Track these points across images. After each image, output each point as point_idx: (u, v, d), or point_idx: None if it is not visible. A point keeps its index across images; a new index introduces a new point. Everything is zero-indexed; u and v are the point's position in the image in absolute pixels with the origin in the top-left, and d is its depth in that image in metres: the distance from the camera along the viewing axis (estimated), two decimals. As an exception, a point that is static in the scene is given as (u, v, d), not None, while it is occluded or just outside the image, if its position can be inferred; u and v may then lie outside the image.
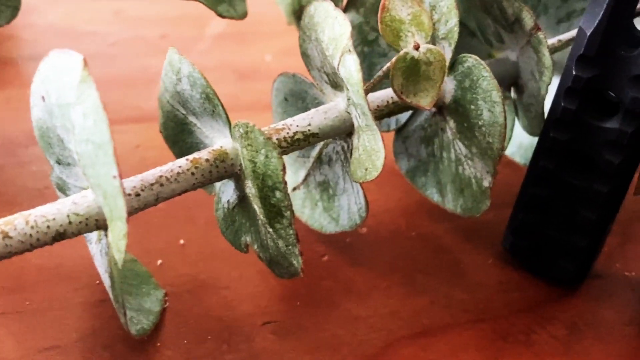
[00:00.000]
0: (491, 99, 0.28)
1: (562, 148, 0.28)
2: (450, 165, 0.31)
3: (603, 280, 0.31)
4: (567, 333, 0.29)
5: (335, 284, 0.30)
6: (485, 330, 0.28)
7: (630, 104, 0.26)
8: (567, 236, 0.29)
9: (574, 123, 0.28)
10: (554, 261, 0.30)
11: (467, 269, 0.31)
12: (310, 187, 0.32)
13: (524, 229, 0.30)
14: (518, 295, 0.30)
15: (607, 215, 0.29)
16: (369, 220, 0.33)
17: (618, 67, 0.26)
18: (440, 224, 0.33)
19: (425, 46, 0.26)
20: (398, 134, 0.33)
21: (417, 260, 0.31)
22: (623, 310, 0.30)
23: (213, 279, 0.30)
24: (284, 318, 0.28)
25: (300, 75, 0.30)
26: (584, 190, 0.28)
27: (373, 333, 0.28)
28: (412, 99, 0.26)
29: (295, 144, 0.28)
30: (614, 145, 0.27)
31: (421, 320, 0.29)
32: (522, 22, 0.30)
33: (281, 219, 0.24)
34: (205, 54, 0.46)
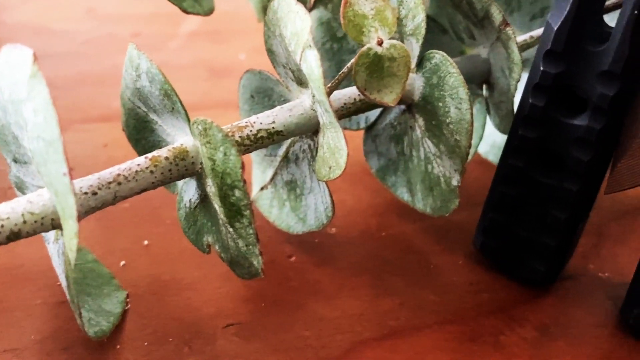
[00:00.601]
0: (458, 95, 0.27)
1: (531, 146, 0.28)
2: (420, 163, 0.30)
3: (576, 281, 0.31)
4: (537, 335, 0.28)
5: (301, 285, 0.29)
6: (453, 331, 0.28)
7: (598, 100, 0.26)
8: (537, 236, 0.29)
9: (542, 120, 0.27)
10: (524, 261, 0.29)
11: (437, 269, 0.31)
12: (278, 187, 0.31)
13: (494, 228, 0.30)
14: (488, 296, 0.30)
15: (577, 215, 0.28)
16: (339, 220, 0.33)
17: (586, 63, 0.26)
18: (412, 224, 0.33)
19: (389, 42, 0.25)
20: (368, 132, 0.33)
21: (386, 261, 0.31)
22: (595, 311, 0.30)
23: (177, 280, 0.29)
24: (248, 319, 0.27)
25: (266, 72, 0.30)
26: (553, 189, 0.28)
27: (338, 334, 0.27)
28: (376, 96, 0.26)
29: (258, 142, 0.27)
30: (582, 142, 0.26)
31: (388, 321, 0.28)
32: (491, 17, 0.29)
33: (241, 218, 0.24)
34: (178, 52, 0.46)
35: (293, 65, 0.27)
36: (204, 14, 0.32)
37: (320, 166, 0.27)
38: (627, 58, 0.25)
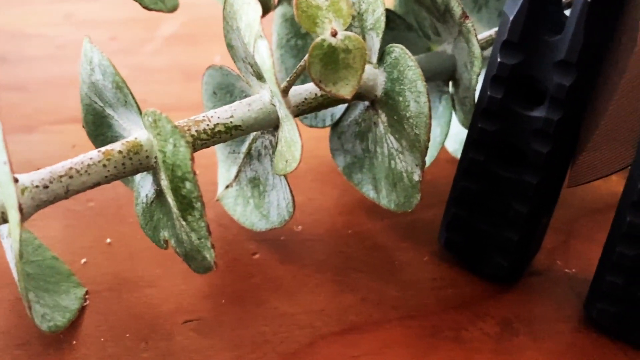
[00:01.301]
0: (416, 89, 0.27)
1: (491, 139, 0.27)
2: (384, 160, 0.30)
3: (542, 277, 0.31)
4: (499, 330, 0.28)
5: (263, 282, 0.29)
6: (414, 327, 0.28)
7: (555, 91, 0.25)
8: (500, 230, 0.29)
9: (501, 113, 0.27)
10: (488, 257, 0.29)
11: (401, 266, 0.31)
12: (242, 184, 0.31)
13: (457, 223, 0.30)
14: (451, 291, 0.29)
15: (539, 209, 0.28)
16: (306, 218, 0.33)
17: (542, 53, 0.25)
18: (378, 222, 0.33)
19: (344, 33, 0.25)
20: (333, 129, 0.32)
21: (350, 257, 0.31)
22: (560, 307, 0.29)
23: (137, 277, 0.29)
24: (206, 316, 0.27)
25: (227, 68, 0.30)
26: (514, 182, 0.27)
27: (297, 330, 0.27)
28: (332, 88, 0.26)
29: (216, 137, 0.27)
30: (541, 134, 0.26)
31: (349, 317, 0.28)
32: (451, 11, 0.29)
33: (192, 211, 0.24)
34: (154, 55, 0.46)
35: (251, 59, 0.27)
36: (168, 11, 0.31)
37: (278, 160, 0.27)
38: (582, 47, 0.25)
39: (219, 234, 0.31)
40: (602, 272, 0.27)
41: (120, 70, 0.44)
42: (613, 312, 0.27)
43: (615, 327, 0.28)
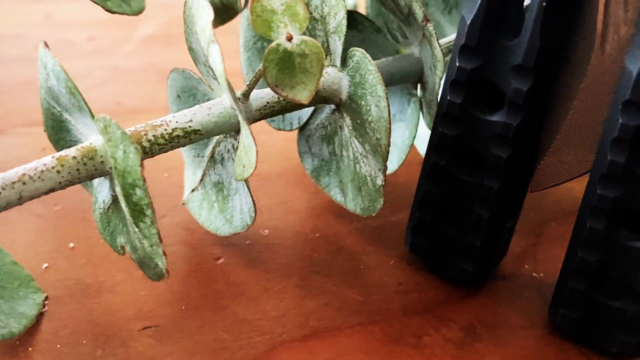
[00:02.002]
0: (377, 93, 0.27)
1: (452, 143, 0.27)
2: (350, 164, 0.30)
3: (508, 281, 0.31)
4: (462, 335, 0.28)
5: (226, 287, 0.29)
6: (375, 332, 0.27)
7: (514, 95, 0.25)
8: (463, 235, 0.28)
9: (461, 117, 0.27)
10: (453, 261, 0.29)
11: (367, 270, 0.30)
12: (207, 188, 0.31)
13: (422, 227, 0.29)
14: (416, 296, 0.29)
15: (502, 213, 0.28)
16: (274, 222, 0.32)
17: (500, 57, 0.25)
18: (347, 225, 0.33)
19: (299, 37, 0.25)
20: (301, 132, 0.32)
21: (316, 262, 0.30)
22: (525, 312, 0.29)
23: (98, 282, 0.29)
24: (165, 322, 0.27)
25: (189, 71, 0.30)
26: (475, 186, 0.27)
27: (257, 336, 0.27)
28: (289, 93, 0.25)
29: (174, 141, 0.27)
30: (500, 139, 0.26)
31: (310, 322, 0.28)
32: (414, 14, 0.29)
33: (144, 218, 0.24)
34: (131, 56, 0.46)
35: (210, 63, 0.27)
36: (132, 14, 0.31)
37: (237, 165, 0.26)
38: (539, 51, 0.24)
39: (184, 238, 0.31)
40: (564, 278, 0.27)
41: (95, 71, 0.44)
42: (576, 318, 0.27)
43: (579, 333, 0.27)
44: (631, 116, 0.23)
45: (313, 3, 0.29)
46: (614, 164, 0.24)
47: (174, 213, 0.32)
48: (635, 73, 0.23)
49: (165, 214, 0.32)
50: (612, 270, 0.26)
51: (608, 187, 0.25)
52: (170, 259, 0.30)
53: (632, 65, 0.23)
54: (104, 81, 0.43)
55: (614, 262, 0.26)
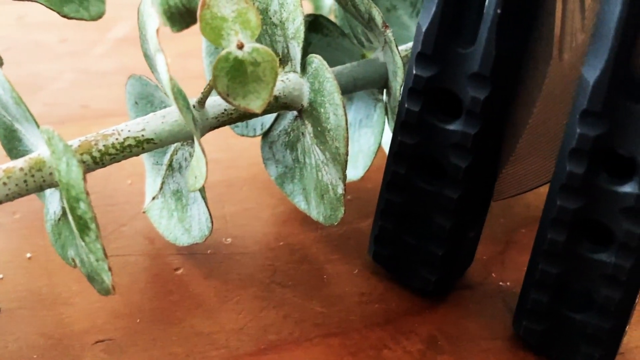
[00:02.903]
0: (334, 101, 0.26)
1: (411, 152, 0.27)
2: (312, 171, 0.29)
3: (474, 290, 0.30)
4: (424, 348, 0.27)
5: (183, 299, 0.28)
6: (334, 345, 0.27)
7: (471, 104, 0.25)
8: (425, 244, 0.28)
9: (419, 126, 0.26)
10: (416, 270, 0.28)
11: (330, 279, 0.30)
12: (167, 196, 0.30)
13: (384, 237, 0.29)
14: (378, 307, 0.29)
15: (463, 223, 0.27)
16: (237, 230, 0.32)
17: (456, 65, 0.25)
18: (312, 233, 0.32)
19: (251, 45, 0.24)
20: (264, 139, 0.32)
21: (278, 271, 0.30)
22: (490, 323, 0.28)
23: (54, 294, 0.28)
24: (119, 335, 0.26)
25: (146, 78, 0.29)
26: (435, 196, 0.27)
27: (213, 351, 0.26)
28: (241, 102, 0.25)
29: (126, 151, 0.26)
30: (459, 148, 0.25)
31: (268, 336, 0.27)
32: (374, 20, 0.28)
33: (89, 232, 0.23)
34: (103, 58, 0.45)
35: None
36: (91, 19, 0.31)
37: (189, 176, 0.26)
38: (495, 59, 0.24)
39: (143, 247, 0.30)
40: (527, 290, 0.26)
41: (65, 73, 0.44)
42: (539, 330, 0.26)
43: (542, 345, 0.27)
44: (589, 126, 0.23)
45: (272, 8, 0.28)
46: (573, 175, 0.24)
47: (134, 222, 0.31)
48: (592, 82, 0.22)
49: (126, 222, 0.31)
50: (574, 282, 0.25)
51: (567, 198, 0.24)
52: (128, 269, 0.29)
53: (589, 74, 0.22)
54: (74, 84, 0.42)
55: (576, 274, 0.25)
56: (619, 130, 0.22)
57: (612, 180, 0.23)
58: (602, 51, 0.22)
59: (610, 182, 0.23)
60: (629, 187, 0.23)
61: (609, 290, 0.25)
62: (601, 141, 0.23)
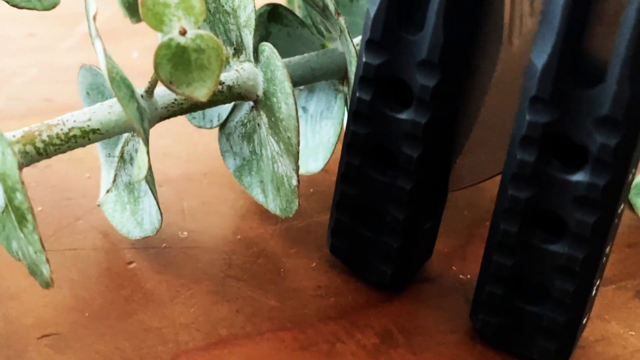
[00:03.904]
0: (285, 90, 0.26)
1: (363, 142, 0.26)
2: (269, 163, 0.29)
3: (434, 284, 0.29)
4: (378, 342, 0.27)
5: (133, 293, 0.28)
6: (286, 339, 0.26)
7: (420, 93, 0.24)
8: (380, 237, 0.27)
9: (371, 115, 0.25)
10: (371, 263, 0.28)
11: (286, 273, 0.29)
12: (120, 189, 0.30)
13: (340, 229, 0.28)
14: (334, 300, 0.28)
15: (417, 214, 0.26)
16: (194, 223, 0.31)
17: (406, 52, 0.24)
18: (271, 227, 0.31)
19: (195, 32, 0.24)
20: (221, 130, 0.31)
21: (233, 265, 0.29)
22: (448, 316, 0.28)
23: (2, 289, 0.27)
24: (66, 330, 0.26)
25: (96, 68, 0.28)
26: (389, 187, 0.26)
27: (161, 345, 0.26)
28: (186, 90, 0.24)
29: (71, 141, 0.25)
30: (410, 138, 0.25)
31: (219, 330, 0.26)
32: (328, 7, 0.27)
33: (26, 223, 0.22)
34: (70, 52, 0.44)
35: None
36: (43, 9, 0.30)
37: (135, 167, 0.25)
38: (443, 45, 0.23)
39: (97, 241, 0.30)
40: (482, 282, 0.26)
41: (30, 68, 0.43)
42: (495, 323, 0.26)
43: (499, 339, 0.26)
44: (538, 113, 0.22)
45: (223, -5, 0.27)
46: (524, 164, 0.23)
47: (89, 216, 0.31)
48: (540, 68, 0.22)
49: (81, 216, 0.31)
50: (529, 274, 0.25)
51: (519, 188, 0.23)
52: (80, 263, 0.29)
53: (537, 59, 0.22)
54: (38, 78, 0.41)
55: (531, 266, 0.24)
56: (569, 117, 0.22)
57: (564, 168, 0.23)
58: (549, 35, 0.21)
59: (561, 170, 0.23)
60: (580, 176, 0.22)
61: (563, 282, 0.24)
62: (551, 128, 0.22)
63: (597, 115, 0.21)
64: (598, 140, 0.22)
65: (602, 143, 0.22)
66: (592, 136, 0.22)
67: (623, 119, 0.21)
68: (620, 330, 0.28)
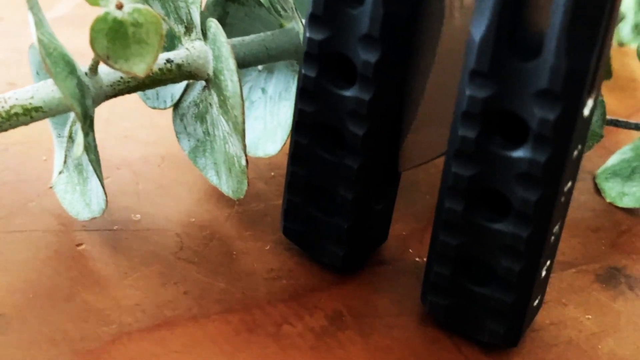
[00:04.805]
0: (230, 67, 0.26)
1: (311, 121, 0.26)
2: (221, 144, 0.28)
3: (389, 266, 0.29)
4: (326, 324, 0.26)
5: (81, 275, 0.27)
6: (233, 321, 0.26)
7: (363, 68, 0.23)
8: (331, 218, 0.27)
9: (316, 92, 0.25)
10: (323, 245, 0.27)
11: (239, 256, 0.29)
12: (70, 170, 0.29)
13: (292, 211, 0.28)
14: (286, 283, 0.28)
15: (366, 194, 0.26)
16: (149, 206, 0.31)
17: (348, 27, 0.23)
18: (227, 210, 0.31)
19: (132, 6, 0.23)
20: (175, 111, 0.31)
21: (185, 248, 0.29)
22: (401, 299, 0.27)
23: (-53, 270, 0.27)
24: (9, 311, 0.26)
25: (44, 47, 0.28)
26: (337, 166, 0.26)
27: (104, 327, 0.25)
28: (123, 65, 0.24)
29: (12, 119, 0.25)
30: (355, 115, 0.24)
31: (164, 312, 0.26)
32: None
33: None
34: (38, 37, 0.44)
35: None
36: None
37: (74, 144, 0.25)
38: (383, 19, 0.23)
39: (48, 223, 0.29)
40: (430, 262, 0.25)
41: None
42: (445, 305, 0.25)
43: (449, 321, 0.26)
44: (478, 87, 0.22)
45: (172, -28, 0.27)
46: (466, 140, 0.22)
47: (42, 198, 0.30)
48: (477, 40, 0.21)
49: (34, 198, 0.30)
50: (475, 254, 0.24)
51: (462, 165, 0.23)
52: (29, 245, 0.28)
53: (475, 32, 0.21)
54: (3, 62, 0.41)
55: (477, 246, 0.24)
56: (509, 91, 0.21)
57: (505, 144, 0.22)
58: (486, 7, 0.21)
59: (503, 147, 0.22)
60: (521, 152, 0.22)
61: (509, 262, 0.23)
62: (492, 103, 0.22)
63: (536, 88, 0.21)
64: (537, 115, 0.21)
65: (542, 117, 0.21)
66: (531, 111, 0.21)
67: (562, 92, 0.21)
68: (577, 314, 0.28)
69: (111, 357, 0.24)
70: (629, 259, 0.31)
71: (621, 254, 0.31)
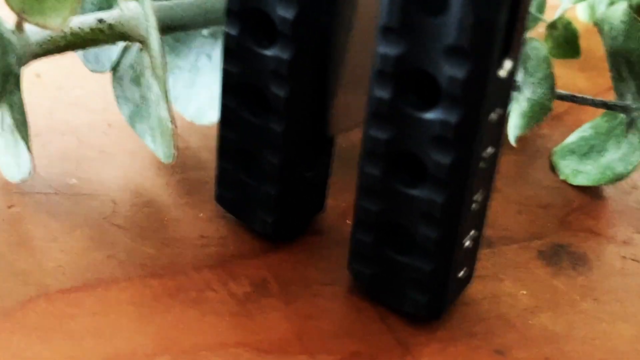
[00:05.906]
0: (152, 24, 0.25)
1: (236, 82, 0.25)
2: (154, 107, 0.28)
3: (323, 236, 0.28)
4: (250, 291, 0.26)
5: (9, 236, 0.27)
6: (155, 286, 0.25)
7: (281, 25, 0.23)
8: (260, 185, 0.26)
9: (239, 52, 0.24)
10: (254, 213, 0.27)
11: (171, 223, 0.28)
12: (6, 132, 0.29)
13: (224, 177, 0.27)
14: (215, 250, 0.27)
15: (294, 160, 0.25)
16: (88, 172, 0.31)
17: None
18: (166, 178, 0.31)
19: (47, -41, 0.23)
20: (114, 75, 0.30)
21: (117, 213, 0.28)
22: (332, 269, 0.27)
23: None
24: None
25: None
26: (263, 130, 0.25)
27: (23, 287, 0.25)
28: (39, 20, 0.23)
29: None
30: (276, 76, 0.24)
31: (86, 274, 0.26)
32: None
33: None
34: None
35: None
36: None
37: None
38: (299, -25, 0.22)
39: (-18, 185, 0.29)
40: (353, 230, 0.25)
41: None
42: (368, 273, 0.25)
43: (374, 290, 0.25)
44: (390, 45, 0.21)
45: None
46: (381, 101, 0.22)
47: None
48: (388, -5, 0.20)
49: (-28, 161, 0.30)
50: (396, 221, 0.24)
51: (378, 128, 0.22)
52: (-41, 206, 0.28)
53: (387, -13, 0.21)
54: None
55: (397, 212, 0.23)
56: (420, 49, 0.21)
57: (420, 106, 0.22)
58: (395, -40, 0.20)
59: (417, 108, 0.22)
60: (434, 114, 0.21)
61: (426, 229, 0.23)
62: (404, 61, 0.21)
63: (444, 45, 0.20)
64: (447, 73, 0.20)
65: (451, 76, 0.20)
66: (442, 69, 0.20)
67: (470, 48, 0.20)
68: (512, 290, 0.27)
69: (25, 316, 0.24)
70: (575, 236, 0.30)
71: (568, 231, 0.30)
